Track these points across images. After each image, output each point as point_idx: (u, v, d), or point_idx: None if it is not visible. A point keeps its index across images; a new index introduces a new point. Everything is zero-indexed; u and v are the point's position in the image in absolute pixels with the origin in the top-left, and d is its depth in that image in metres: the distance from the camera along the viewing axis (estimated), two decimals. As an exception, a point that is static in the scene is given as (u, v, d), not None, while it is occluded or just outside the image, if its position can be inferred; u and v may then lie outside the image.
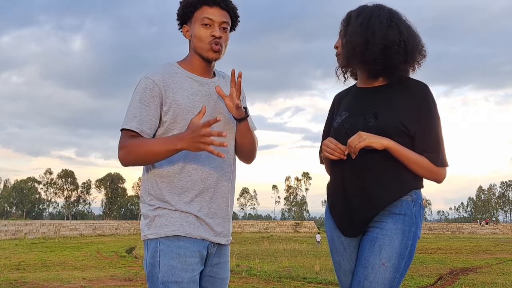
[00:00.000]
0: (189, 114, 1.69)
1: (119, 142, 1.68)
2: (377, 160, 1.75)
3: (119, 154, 1.66)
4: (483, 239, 32.38)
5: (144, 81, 1.71)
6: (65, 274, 10.03)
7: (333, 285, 8.34)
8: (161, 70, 1.74)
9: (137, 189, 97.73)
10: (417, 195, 1.79)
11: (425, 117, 1.76)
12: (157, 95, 1.68)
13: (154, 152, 1.60)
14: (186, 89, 1.73)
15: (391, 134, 1.73)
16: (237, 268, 11.08)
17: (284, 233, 47.91)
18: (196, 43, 1.75)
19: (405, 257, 1.72)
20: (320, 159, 2.06)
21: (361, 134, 1.71)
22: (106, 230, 41.52)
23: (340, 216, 1.85)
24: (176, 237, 1.65)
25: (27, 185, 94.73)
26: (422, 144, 1.74)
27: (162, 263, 1.63)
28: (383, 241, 1.71)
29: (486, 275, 10.15)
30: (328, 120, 2.06)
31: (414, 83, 1.83)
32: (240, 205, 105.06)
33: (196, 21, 1.74)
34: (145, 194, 1.75)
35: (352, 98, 1.94)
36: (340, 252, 1.89)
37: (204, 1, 1.73)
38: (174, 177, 1.70)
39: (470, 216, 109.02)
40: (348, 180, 1.80)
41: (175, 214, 1.67)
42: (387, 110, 1.78)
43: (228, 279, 1.84)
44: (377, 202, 1.73)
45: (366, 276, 1.71)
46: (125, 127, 1.68)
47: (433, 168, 1.75)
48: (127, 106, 1.74)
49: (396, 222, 1.73)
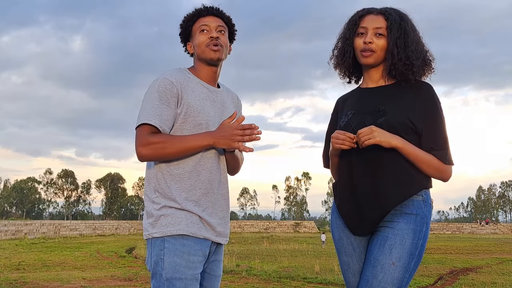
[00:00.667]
0: (199, 117, 1.79)
1: (140, 138, 1.72)
2: (387, 158, 1.74)
3: (142, 150, 1.71)
4: (483, 239, 32.39)
5: (163, 81, 1.78)
6: (65, 274, 10.03)
7: (333, 285, 8.34)
8: (176, 73, 1.83)
9: (137, 189, 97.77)
10: (427, 195, 1.79)
11: (432, 115, 1.77)
12: (175, 95, 1.77)
13: (187, 149, 1.73)
14: (198, 93, 1.83)
15: (400, 131, 1.74)
16: (237, 268, 11.08)
17: (284, 233, 47.91)
18: (197, 50, 1.89)
19: (415, 257, 1.72)
20: (323, 163, 2.06)
21: (372, 129, 1.70)
22: (106, 230, 41.52)
23: (349, 216, 1.84)
24: (181, 236, 1.71)
25: (27, 185, 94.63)
26: (429, 141, 1.75)
27: (167, 261, 1.68)
28: (394, 240, 1.71)
29: (486, 275, 10.15)
30: (331, 122, 2.05)
31: (419, 82, 1.84)
32: (240, 205, 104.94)
33: (195, 33, 1.90)
34: (150, 191, 1.79)
35: (358, 98, 1.94)
36: (349, 252, 1.88)
37: (198, 14, 1.90)
38: (184, 175, 1.77)
39: (470, 216, 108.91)
40: (357, 179, 1.79)
41: (180, 214, 1.73)
42: (395, 107, 1.78)
43: (221, 277, 1.93)
44: (388, 201, 1.73)
45: (375, 275, 1.70)
46: (149, 122, 1.73)
47: (440, 166, 1.75)
48: (142, 103, 1.79)
49: (408, 222, 1.72)
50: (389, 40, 1.81)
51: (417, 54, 1.80)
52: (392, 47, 1.80)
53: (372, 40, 1.82)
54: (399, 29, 1.80)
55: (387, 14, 1.84)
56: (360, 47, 1.85)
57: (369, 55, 1.83)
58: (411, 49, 1.79)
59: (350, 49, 1.90)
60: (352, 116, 1.87)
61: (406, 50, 1.79)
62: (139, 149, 1.70)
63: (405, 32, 1.80)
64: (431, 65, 1.88)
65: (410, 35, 1.81)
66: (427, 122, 1.76)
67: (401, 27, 1.81)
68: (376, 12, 1.86)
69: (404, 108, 1.77)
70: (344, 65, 1.95)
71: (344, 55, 1.92)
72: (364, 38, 1.83)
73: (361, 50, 1.85)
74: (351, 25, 1.89)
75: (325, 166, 2.05)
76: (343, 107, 1.98)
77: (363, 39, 1.84)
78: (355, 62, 1.93)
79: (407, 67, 1.79)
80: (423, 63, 1.83)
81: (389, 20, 1.82)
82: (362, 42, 1.84)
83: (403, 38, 1.80)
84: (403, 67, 1.79)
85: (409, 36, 1.80)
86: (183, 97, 1.78)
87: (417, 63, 1.79)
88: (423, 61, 1.83)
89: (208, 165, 1.80)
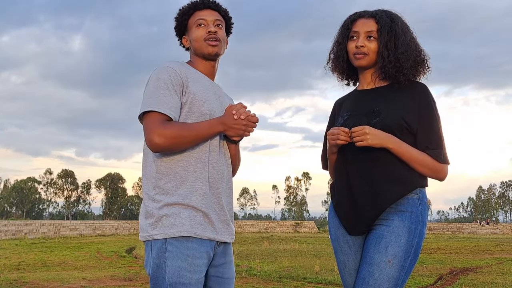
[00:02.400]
0: (203, 106, 1.74)
1: (154, 127, 1.61)
2: (383, 158, 1.76)
3: (157, 139, 1.59)
4: (483, 239, 32.38)
5: (166, 70, 1.71)
6: (65, 274, 10.03)
7: (333, 285, 8.34)
8: (178, 63, 1.78)
9: (137, 189, 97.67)
10: (423, 193, 1.81)
11: (426, 114, 1.79)
12: (180, 84, 1.71)
13: (201, 136, 1.68)
14: (201, 83, 1.79)
15: (394, 131, 1.76)
16: (237, 268, 11.07)
17: (284, 233, 47.89)
18: (194, 44, 1.83)
19: (410, 254, 1.72)
20: (322, 164, 2.08)
21: (365, 130, 1.72)
22: (106, 230, 41.48)
23: (345, 215, 1.85)
24: (185, 238, 1.62)
25: (27, 185, 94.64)
26: (424, 141, 1.77)
27: (170, 265, 1.59)
28: (390, 238, 1.72)
29: (486, 275, 10.15)
30: (329, 124, 2.08)
31: (414, 83, 1.87)
32: (240, 205, 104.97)
33: (192, 26, 1.84)
34: (149, 188, 1.70)
35: (354, 100, 1.97)
36: (345, 251, 1.89)
37: (195, 7, 1.84)
38: (189, 168, 1.68)
39: (470, 216, 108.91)
40: (354, 179, 1.80)
41: (184, 213, 1.63)
42: (389, 107, 1.81)
43: (234, 278, 1.82)
44: (383, 199, 1.74)
45: (371, 273, 1.71)
46: (158, 110, 1.63)
47: (435, 165, 1.77)
48: (146, 91, 1.71)
49: (402, 220, 1.73)
50: (379, 43, 1.84)
51: (407, 56, 1.82)
52: (382, 49, 1.83)
53: (364, 43, 1.85)
54: (390, 31, 1.83)
55: (377, 17, 1.87)
56: (353, 51, 1.89)
57: (362, 57, 1.87)
58: (400, 51, 1.81)
59: (343, 53, 1.95)
60: (348, 118, 1.89)
61: (396, 52, 1.81)
62: (154, 137, 1.59)
63: (396, 34, 1.83)
64: (425, 65, 1.89)
65: (401, 37, 1.83)
66: (422, 121, 1.77)
67: (392, 29, 1.83)
68: (367, 16, 1.90)
69: (399, 108, 1.79)
70: (339, 68, 2.00)
71: (338, 59, 1.97)
72: (356, 42, 1.87)
73: (353, 53, 1.89)
74: (343, 29, 1.94)
75: (324, 168, 2.08)
76: (340, 109, 2.02)
77: (355, 43, 1.88)
78: (350, 65, 1.97)
79: (397, 69, 1.81)
80: (414, 64, 1.85)
81: (379, 23, 1.85)
82: (354, 46, 1.88)
83: (394, 40, 1.82)
84: (393, 69, 1.82)
85: (399, 38, 1.83)
86: (188, 85, 1.72)
87: (407, 64, 1.81)
88: (414, 62, 1.85)
89: (214, 157, 1.74)
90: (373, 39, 1.86)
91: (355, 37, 1.89)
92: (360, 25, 1.88)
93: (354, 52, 1.89)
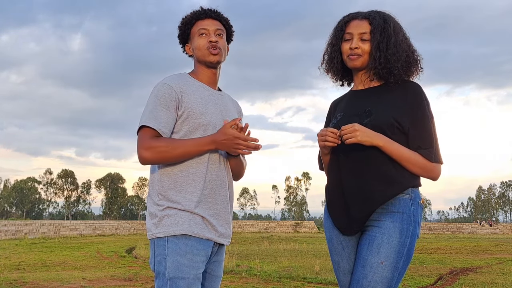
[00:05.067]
0: (201, 118, 1.82)
1: (142, 142, 1.74)
2: (373, 158, 1.76)
3: (144, 153, 1.73)
4: (483, 239, 32.39)
5: (162, 86, 1.82)
6: (65, 274, 10.03)
7: (333, 285, 8.34)
8: (175, 78, 1.87)
9: (137, 189, 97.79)
10: (415, 193, 1.80)
11: (418, 113, 1.79)
12: (174, 99, 1.80)
13: (189, 153, 1.76)
14: (199, 95, 1.87)
15: (386, 131, 1.76)
16: (237, 268, 11.07)
17: (284, 233, 47.90)
18: (197, 53, 1.92)
19: (403, 255, 1.72)
20: (319, 165, 2.09)
21: (355, 127, 1.73)
22: (106, 230, 41.49)
23: (338, 216, 1.86)
24: (184, 236, 1.74)
25: (27, 185, 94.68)
26: (416, 140, 1.77)
27: (170, 260, 1.71)
28: (381, 239, 1.72)
29: (486, 275, 10.15)
30: (325, 125, 2.09)
31: (407, 82, 1.88)
32: (240, 205, 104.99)
33: (194, 36, 1.93)
34: (154, 194, 1.82)
35: (348, 100, 1.98)
36: (339, 252, 1.90)
37: (197, 17, 1.93)
38: (187, 177, 1.79)
39: (470, 216, 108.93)
40: (346, 179, 1.81)
41: (183, 214, 1.75)
42: (381, 108, 1.82)
43: (221, 277, 1.94)
44: (372, 200, 1.74)
45: (365, 275, 1.72)
46: (148, 124, 1.76)
47: (427, 164, 1.76)
48: (144, 108, 1.83)
49: (394, 221, 1.73)
50: (372, 44, 1.85)
51: (398, 57, 1.83)
52: (374, 50, 1.84)
53: (358, 45, 1.87)
54: (382, 33, 1.84)
55: (371, 18, 1.88)
56: (347, 53, 1.90)
57: (356, 58, 1.88)
58: (391, 52, 1.82)
59: (337, 54, 1.96)
60: (341, 118, 1.91)
61: (387, 53, 1.82)
62: (142, 152, 1.73)
63: (388, 36, 1.84)
64: (417, 66, 1.90)
65: (392, 38, 1.84)
66: (414, 121, 1.78)
67: (384, 30, 1.84)
68: (361, 17, 1.91)
69: (390, 108, 1.80)
70: (333, 70, 2.01)
71: (332, 61, 1.98)
72: (351, 44, 1.88)
73: (348, 55, 1.90)
74: (337, 31, 1.94)
75: (320, 169, 2.08)
76: (335, 110, 2.04)
77: (349, 44, 1.89)
78: (344, 67, 1.98)
79: (387, 70, 1.83)
80: (406, 65, 1.86)
81: (373, 25, 1.86)
82: (348, 47, 1.89)
83: (386, 41, 1.83)
84: (383, 70, 1.83)
85: (391, 39, 1.83)
86: (183, 100, 1.81)
87: (397, 65, 1.83)
88: (406, 62, 1.86)
89: (212, 167, 1.83)
90: (367, 40, 1.87)
91: (349, 39, 1.90)
92: (354, 26, 1.89)
93: (349, 54, 1.90)
